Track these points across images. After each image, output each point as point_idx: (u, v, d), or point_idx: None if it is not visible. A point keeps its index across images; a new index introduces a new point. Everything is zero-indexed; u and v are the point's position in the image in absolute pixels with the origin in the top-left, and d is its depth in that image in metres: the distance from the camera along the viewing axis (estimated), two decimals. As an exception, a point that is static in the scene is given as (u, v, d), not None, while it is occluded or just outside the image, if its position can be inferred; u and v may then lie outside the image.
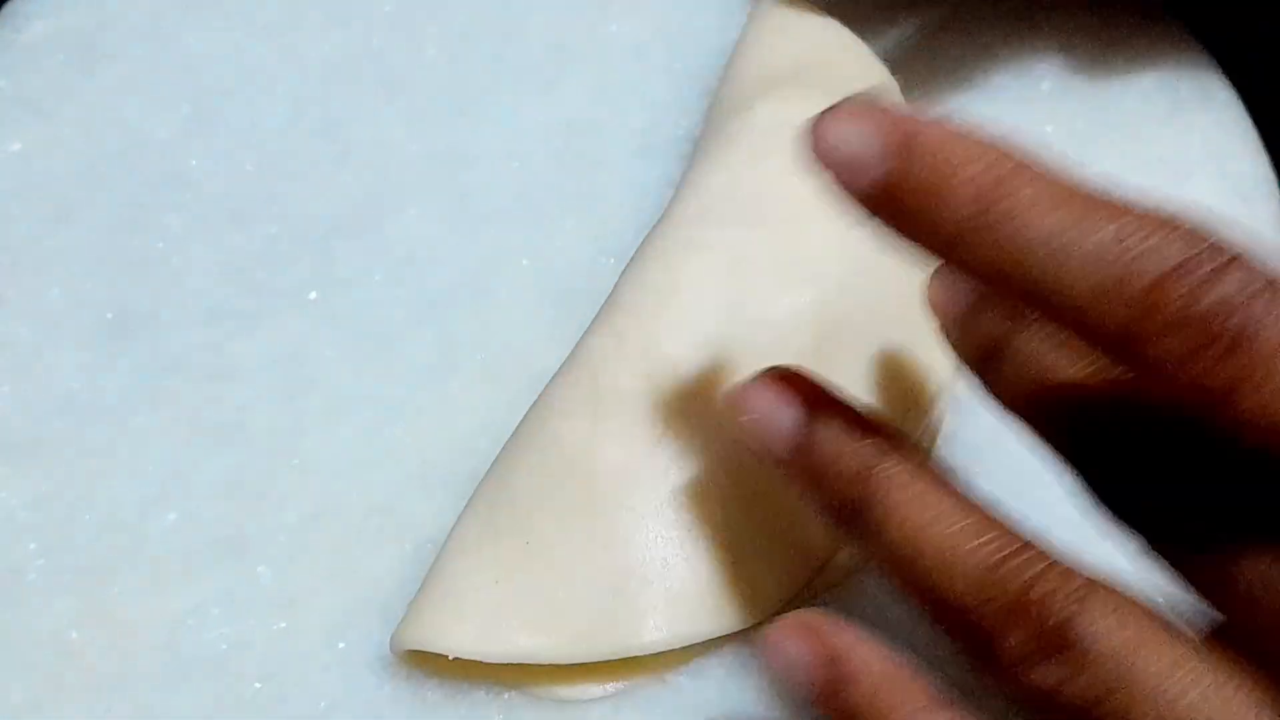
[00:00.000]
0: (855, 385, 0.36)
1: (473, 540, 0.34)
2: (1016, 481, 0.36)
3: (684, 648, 0.34)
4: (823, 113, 0.24)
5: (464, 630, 0.32)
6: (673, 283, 0.36)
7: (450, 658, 0.32)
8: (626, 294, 0.36)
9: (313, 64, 0.45)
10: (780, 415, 0.28)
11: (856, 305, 0.36)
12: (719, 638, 0.34)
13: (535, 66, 0.44)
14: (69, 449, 0.38)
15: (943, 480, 0.27)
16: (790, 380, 0.29)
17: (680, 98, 0.43)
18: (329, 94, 0.44)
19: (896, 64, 0.43)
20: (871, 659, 0.26)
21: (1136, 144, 0.42)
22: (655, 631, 0.33)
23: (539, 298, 0.40)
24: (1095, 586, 0.24)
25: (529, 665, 0.33)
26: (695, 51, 0.44)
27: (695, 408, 0.34)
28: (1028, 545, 0.25)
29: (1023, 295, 0.24)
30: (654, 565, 0.34)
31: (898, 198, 0.24)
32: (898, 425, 0.36)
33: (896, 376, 0.36)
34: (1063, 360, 0.28)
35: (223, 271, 0.41)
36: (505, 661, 0.33)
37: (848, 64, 0.42)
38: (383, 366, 0.39)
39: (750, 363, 0.34)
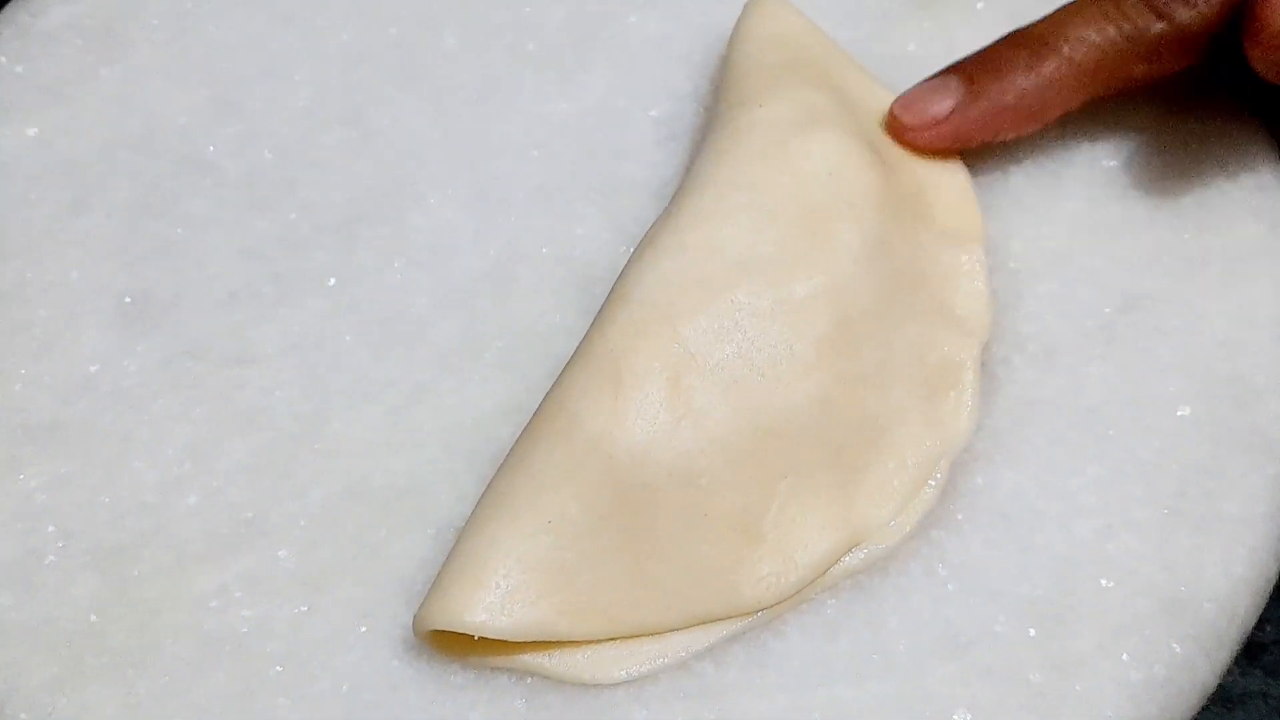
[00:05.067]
0: (879, 366, 0.36)
1: (494, 519, 0.34)
2: (1041, 466, 0.36)
3: (705, 631, 0.34)
4: None
5: (486, 609, 0.32)
6: (690, 272, 0.36)
7: (475, 638, 0.32)
8: (644, 282, 0.36)
9: (333, 51, 0.45)
10: None
11: (869, 290, 0.36)
12: (741, 623, 0.34)
13: (556, 56, 0.44)
14: (88, 431, 0.38)
15: None
16: None
17: (699, 88, 0.43)
18: (349, 81, 0.44)
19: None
20: None
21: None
22: (673, 611, 0.34)
23: (560, 285, 0.40)
24: None
25: (552, 648, 0.33)
26: (715, 42, 0.44)
27: (714, 391, 0.34)
28: None
29: None
30: (673, 545, 0.34)
31: None
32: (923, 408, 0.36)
33: (920, 359, 0.36)
34: None
35: (243, 257, 0.41)
36: (527, 639, 0.33)
37: (837, 56, 0.42)
38: (404, 352, 0.39)
39: (769, 346, 0.35)
